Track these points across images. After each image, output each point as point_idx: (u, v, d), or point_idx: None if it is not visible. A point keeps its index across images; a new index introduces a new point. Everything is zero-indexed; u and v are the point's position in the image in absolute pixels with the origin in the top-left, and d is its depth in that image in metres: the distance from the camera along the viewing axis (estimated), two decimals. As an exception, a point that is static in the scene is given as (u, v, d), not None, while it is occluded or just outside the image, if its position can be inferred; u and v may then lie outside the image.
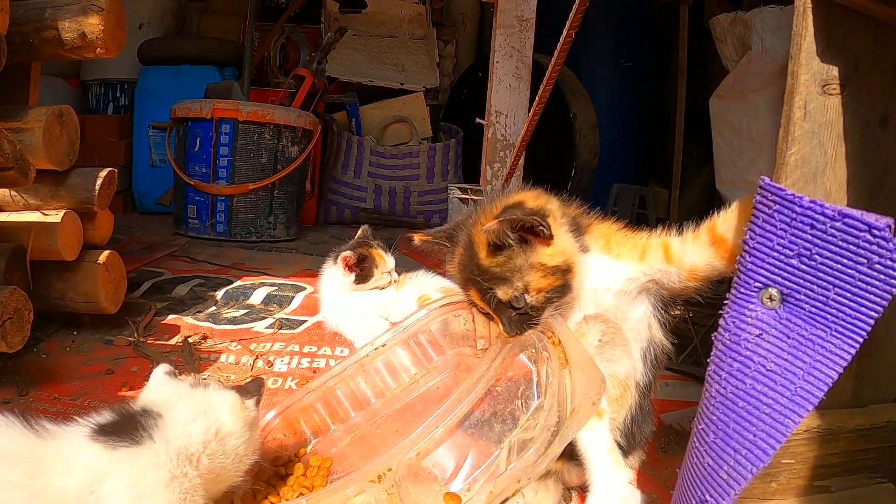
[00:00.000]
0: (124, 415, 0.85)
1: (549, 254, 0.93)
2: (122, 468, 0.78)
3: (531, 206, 0.97)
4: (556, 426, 0.89)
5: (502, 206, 0.98)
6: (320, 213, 3.73)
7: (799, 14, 0.76)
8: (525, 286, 0.93)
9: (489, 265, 0.95)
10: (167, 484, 0.80)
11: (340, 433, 1.15)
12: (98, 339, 1.69)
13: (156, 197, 3.68)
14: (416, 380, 1.20)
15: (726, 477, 0.69)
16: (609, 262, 0.98)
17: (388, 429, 1.14)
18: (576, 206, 1.05)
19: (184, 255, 2.65)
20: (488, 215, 0.97)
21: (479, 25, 4.44)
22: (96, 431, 0.81)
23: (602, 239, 1.00)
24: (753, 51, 2.51)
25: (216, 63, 3.66)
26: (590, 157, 3.17)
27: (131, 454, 0.80)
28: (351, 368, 1.19)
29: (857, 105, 0.80)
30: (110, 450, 0.79)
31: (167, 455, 0.82)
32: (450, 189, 2.02)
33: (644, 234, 1.00)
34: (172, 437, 0.83)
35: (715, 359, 0.73)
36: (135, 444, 0.80)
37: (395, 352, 1.21)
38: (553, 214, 0.96)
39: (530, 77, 2.47)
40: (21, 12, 1.49)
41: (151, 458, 0.81)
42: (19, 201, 1.62)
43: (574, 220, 1.00)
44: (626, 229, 1.02)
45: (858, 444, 0.89)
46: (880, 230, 0.61)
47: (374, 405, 1.18)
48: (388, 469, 0.88)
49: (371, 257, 1.70)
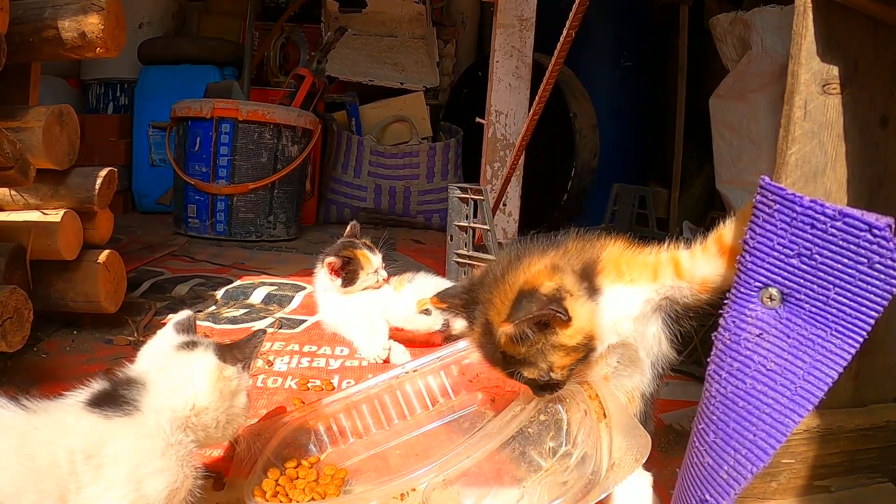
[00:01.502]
0: (111, 387, 0.87)
1: (569, 335, 0.90)
2: (122, 436, 0.80)
3: (545, 292, 0.90)
4: (593, 475, 0.87)
5: (516, 290, 0.92)
6: (320, 213, 3.73)
7: (799, 14, 0.76)
8: (549, 366, 0.92)
9: (511, 353, 0.93)
10: (163, 452, 0.82)
11: (358, 447, 1.16)
12: (98, 338, 1.69)
13: (156, 196, 3.68)
14: (442, 410, 1.20)
15: (726, 476, 0.69)
16: (624, 289, 0.96)
17: (409, 451, 1.14)
18: (579, 244, 1.00)
19: (184, 255, 2.65)
20: (503, 299, 0.92)
21: (480, 25, 4.43)
22: (89, 402, 0.83)
23: (613, 269, 0.97)
24: (753, 51, 2.51)
25: (216, 63, 3.66)
26: (590, 157, 3.17)
27: (126, 423, 0.82)
28: (379, 386, 1.20)
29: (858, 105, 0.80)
30: (105, 419, 0.81)
31: (158, 425, 0.83)
32: (450, 188, 2.01)
33: (652, 249, 0.98)
34: (160, 409, 0.85)
35: (715, 358, 0.73)
36: (126, 415, 0.82)
37: (427, 378, 1.21)
38: (569, 290, 0.92)
39: (530, 77, 2.47)
40: (21, 12, 1.48)
41: (144, 428, 0.82)
42: (19, 201, 1.62)
43: (584, 268, 0.96)
44: (632, 247, 1.00)
45: (858, 444, 0.89)
46: (881, 230, 0.61)
47: (397, 426, 1.19)
48: (412, 489, 0.88)
49: (356, 259, 1.69)
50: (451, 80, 4.16)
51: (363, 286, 1.70)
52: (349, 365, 1.60)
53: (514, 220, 2.56)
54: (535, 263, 0.95)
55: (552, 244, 1.01)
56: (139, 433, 0.82)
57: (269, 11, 4.10)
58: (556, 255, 0.97)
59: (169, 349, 0.94)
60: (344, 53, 3.80)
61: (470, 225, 1.95)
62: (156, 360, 0.93)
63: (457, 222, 1.98)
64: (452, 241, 2.01)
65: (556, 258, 0.96)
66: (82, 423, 0.80)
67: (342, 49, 3.78)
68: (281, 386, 1.46)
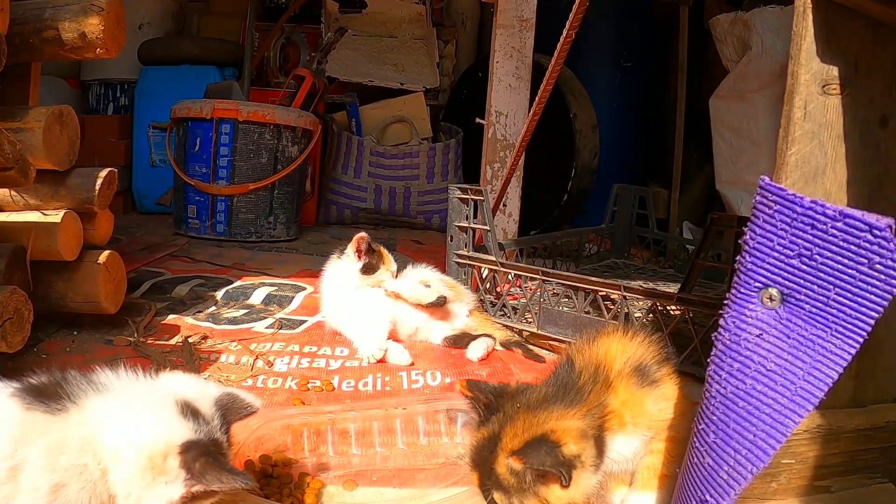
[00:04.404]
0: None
1: (557, 496, 0.89)
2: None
3: (567, 454, 0.88)
4: None
5: (541, 432, 0.90)
6: (320, 213, 3.73)
7: (799, 14, 0.76)
8: (517, 501, 0.90)
9: (500, 476, 0.90)
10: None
11: (335, 464, 1.15)
12: (98, 339, 1.69)
13: (156, 197, 3.68)
14: (423, 452, 1.20)
15: (726, 477, 0.69)
16: (623, 439, 0.96)
17: (388, 481, 1.13)
18: (594, 394, 0.97)
19: (184, 256, 2.65)
20: (525, 428, 0.91)
21: (479, 26, 4.44)
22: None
23: (617, 420, 0.96)
24: (753, 51, 2.51)
25: (216, 63, 3.66)
26: (590, 158, 3.17)
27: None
28: (374, 411, 1.21)
29: (857, 105, 0.80)
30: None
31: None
32: (450, 189, 2.01)
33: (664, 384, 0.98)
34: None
35: (715, 359, 0.73)
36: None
37: (416, 418, 1.22)
38: (583, 462, 0.90)
39: (530, 77, 2.47)
40: (21, 12, 1.48)
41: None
42: (19, 201, 1.62)
43: (597, 431, 0.95)
44: (640, 388, 0.98)
45: (859, 444, 0.89)
46: (881, 230, 0.61)
47: (380, 452, 1.19)
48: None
49: (379, 253, 1.75)
50: (451, 80, 4.16)
51: (375, 280, 1.74)
52: (349, 365, 1.60)
53: (514, 220, 2.56)
54: (568, 417, 0.93)
55: (576, 394, 0.97)
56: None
57: (269, 12, 4.11)
58: (584, 414, 0.95)
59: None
60: (344, 54, 3.80)
61: (470, 225, 1.95)
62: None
63: (457, 223, 1.98)
64: (452, 241, 2.01)
65: (586, 421, 0.94)
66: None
67: (342, 50, 3.78)
68: (281, 386, 1.46)
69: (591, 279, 1.65)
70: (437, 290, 1.71)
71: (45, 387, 0.80)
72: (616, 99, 3.52)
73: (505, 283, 1.92)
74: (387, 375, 1.53)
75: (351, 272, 1.74)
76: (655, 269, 2.58)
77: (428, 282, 1.73)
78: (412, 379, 1.53)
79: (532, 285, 1.78)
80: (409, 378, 1.53)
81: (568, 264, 2.48)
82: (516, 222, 2.57)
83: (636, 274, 2.49)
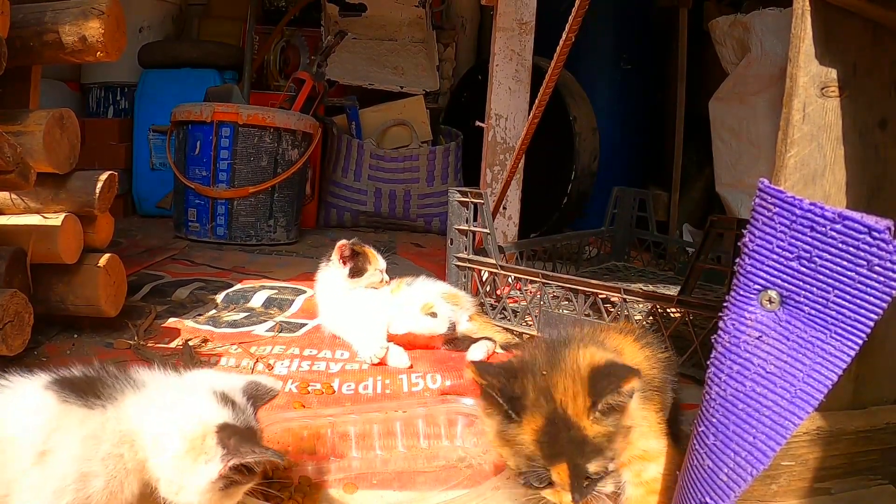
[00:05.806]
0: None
1: (628, 414, 0.85)
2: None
3: (621, 361, 0.87)
4: None
5: (588, 368, 0.85)
6: (320, 217, 3.73)
7: (798, 17, 0.76)
8: (613, 454, 0.84)
9: (593, 440, 0.82)
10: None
11: (335, 467, 1.15)
12: (98, 342, 1.69)
13: (156, 200, 3.68)
14: (424, 454, 1.19)
15: (726, 479, 0.69)
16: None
17: (388, 483, 1.12)
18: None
19: (184, 259, 2.65)
20: (573, 379, 0.84)
21: (479, 29, 4.44)
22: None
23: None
24: (752, 53, 2.51)
25: (216, 66, 3.66)
26: (590, 161, 3.17)
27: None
28: (374, 414, 1.21)
29: (856, 107, 0.80)
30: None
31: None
32: (450, 192, 2.02)
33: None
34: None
35: (715, 361, 0.73)
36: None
37: (416, 421, 1.22)
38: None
39: (530, 80, 2.47)
40: (21, 16, 1.49)
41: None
42: (20, 205, 1.62)
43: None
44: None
45: (858, 446, 0.89)
46: (880, 232, 0.61)
47: (380, 455, 1.19)
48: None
49: (364, 254, 1.75)
50: (450, 83, 4.16)
51: (368, 282, 1.74)
52: (349, 368, 1.60)
53: (514, 223, 2.56)
54: (591, 350, 0.90)
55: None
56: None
57: (269, 15, 4.11)
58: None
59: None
60: (344, 57, 3.81)
61: (470, 228, 1.96)
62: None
63: (457, 226, 1.98)
64: (453, 244, 2.01)
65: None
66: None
67: (342, 53, 3.79)
68: (281, 389, 1.46)
69: (592, 282, 1.65)
70: (445, 317, 1.67)
71: (81, 380, 0.84)
72: (616, 101, 3.52)
73: (505, 286, 1.93)
74: (387, 378, 1.53)
75: (340, 278, 1.74)
76: (655, 271, 2.58)
77: (432, 306, 1.67)
78: (412, 382, 1.52)
79: (532, 288, 1.78)
80: (409, 381, 1.53)
81: (568, 267, 2.48)
82: (516, 225, 2.57)
83: (636, 276, 2.49)
